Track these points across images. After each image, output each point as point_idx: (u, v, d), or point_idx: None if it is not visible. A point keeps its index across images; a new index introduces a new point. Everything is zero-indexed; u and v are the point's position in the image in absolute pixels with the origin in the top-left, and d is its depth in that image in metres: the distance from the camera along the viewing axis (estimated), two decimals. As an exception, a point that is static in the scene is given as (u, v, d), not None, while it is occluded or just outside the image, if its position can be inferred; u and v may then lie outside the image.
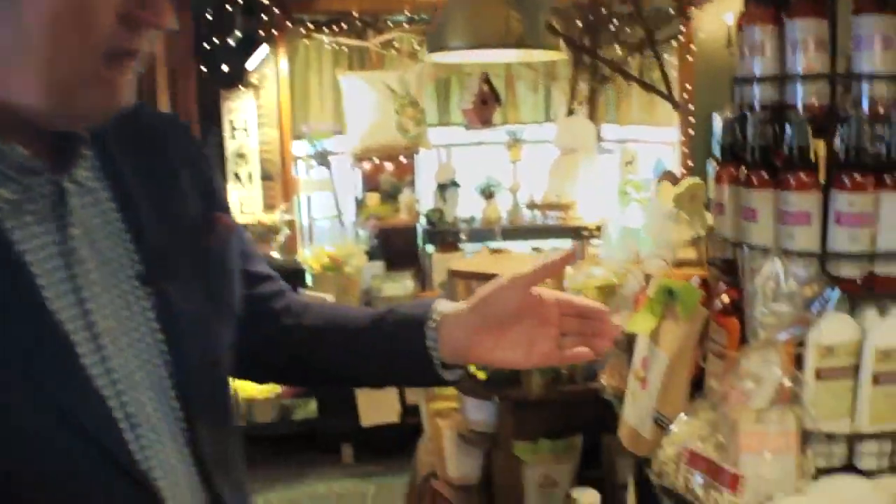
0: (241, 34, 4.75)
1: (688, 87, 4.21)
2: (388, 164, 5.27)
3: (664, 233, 1.63)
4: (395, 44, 5.24)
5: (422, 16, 5.08)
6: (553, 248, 4.03)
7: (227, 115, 4.97)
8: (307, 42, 5.18)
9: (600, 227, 3.59)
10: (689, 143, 4.28)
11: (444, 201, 4.94)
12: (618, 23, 4.73)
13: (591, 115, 5.29)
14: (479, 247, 4.33)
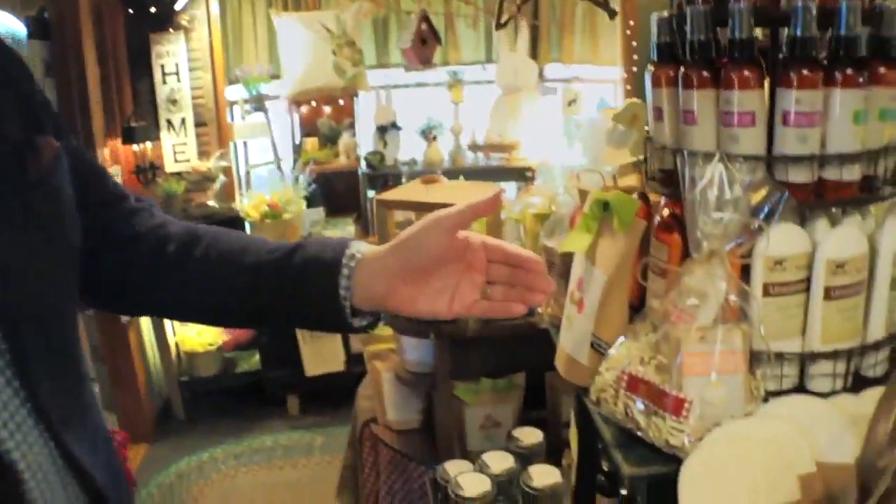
0: (167, -29, 4.57)
1: (631, 23, 4.11)
2: (326, 108, 5.20)
3: (602, 148, 1.52)
4: (331, -19, 5.09)
5: (356, -48, 4.92)
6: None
7: (157, 59, 4.79)
8: (239, -19, 4.99)
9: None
10: (632, 78, 4.20)
11: (385, 144, 4.89)
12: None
13: (534, 54, 5.18)
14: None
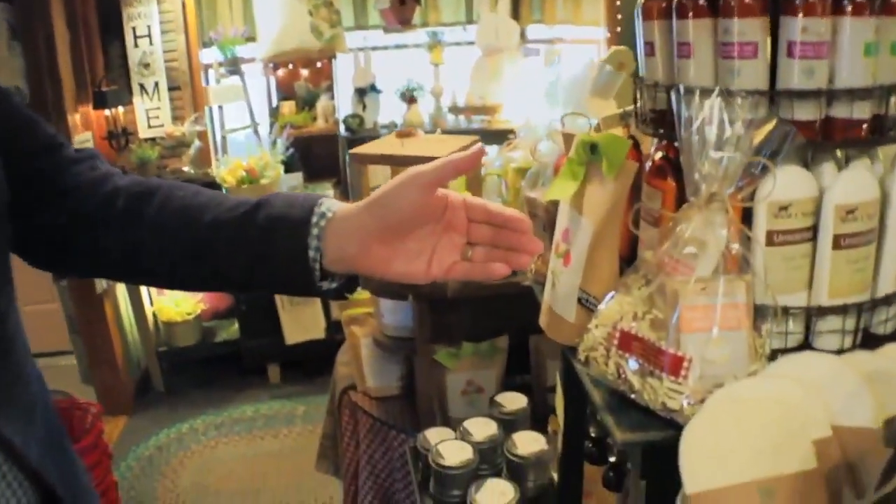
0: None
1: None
2: (303, 71, 5.08)
3: (585, 98, 1.43)
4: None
5: None
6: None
7: (128, 22, 4.64)
8: (211, -61, 4.84)
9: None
10: (615, 39, 4.10)
11: (364, 107, 4.80)
12: None
13: (515, 14, 5.06)
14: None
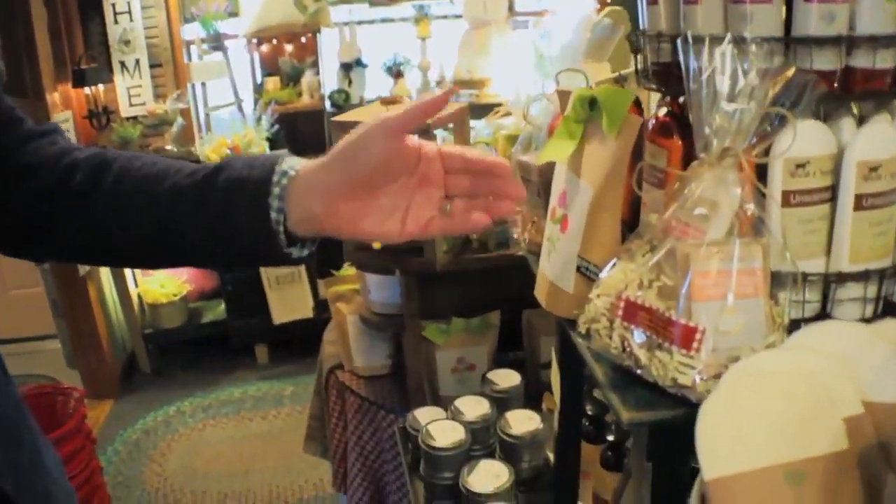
0: None
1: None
2: (287, 46, 4.98)
3: (578, 62, 1.34)
4: None
5: None
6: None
7: (107, -3, 4.52)
8: (192, -90, 4.73)
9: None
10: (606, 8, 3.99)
11: (350, 82, 4.71)
12: None
13: (505, -15, 4.97)
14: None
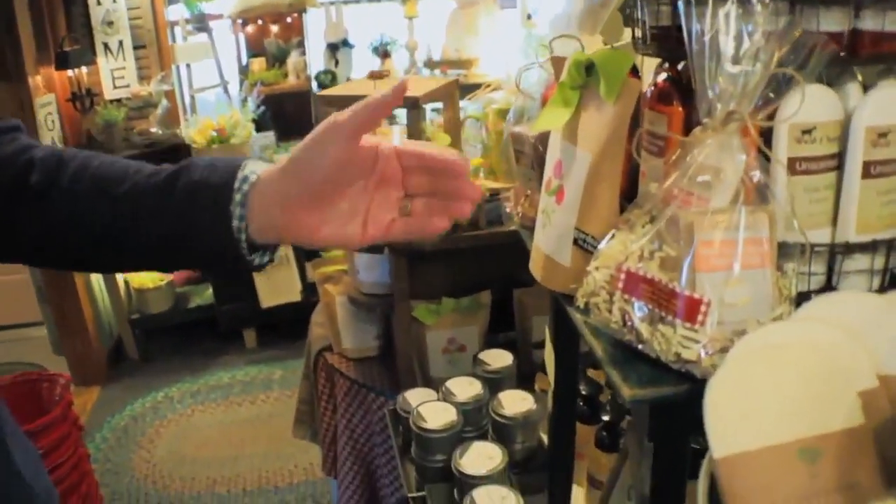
0: None
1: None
2: (273, 26, 4.94)
3: (573, 28, 1.31)
4: None
5: None
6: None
7: (90, -22, 4.47)
8: None
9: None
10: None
11: (336, 63, 4.67)
12: None
13: (492, -36, 4.92)
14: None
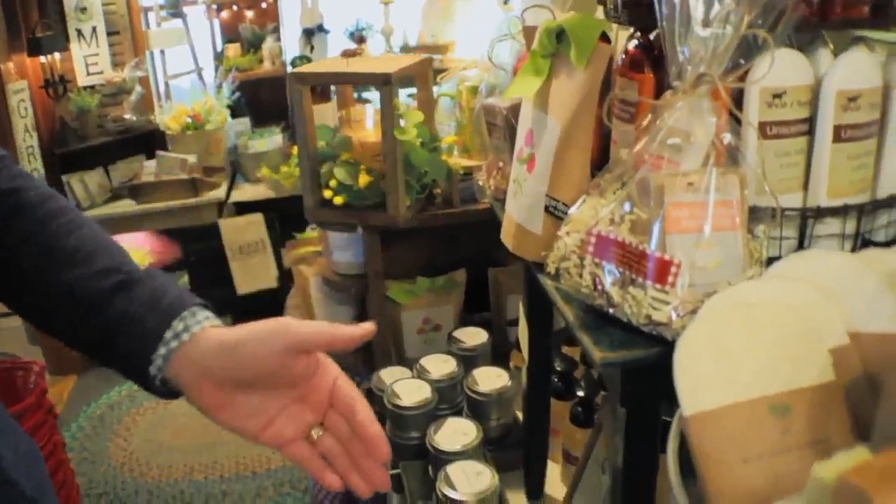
0: None
1: None
2: (248, 12, 4.90)
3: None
4: None
5: None
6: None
7: (61, -37, 4.40)
8: None
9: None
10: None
11: (312, 48, 4.63)
12: None
13: (467, -51, 4.91)
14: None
